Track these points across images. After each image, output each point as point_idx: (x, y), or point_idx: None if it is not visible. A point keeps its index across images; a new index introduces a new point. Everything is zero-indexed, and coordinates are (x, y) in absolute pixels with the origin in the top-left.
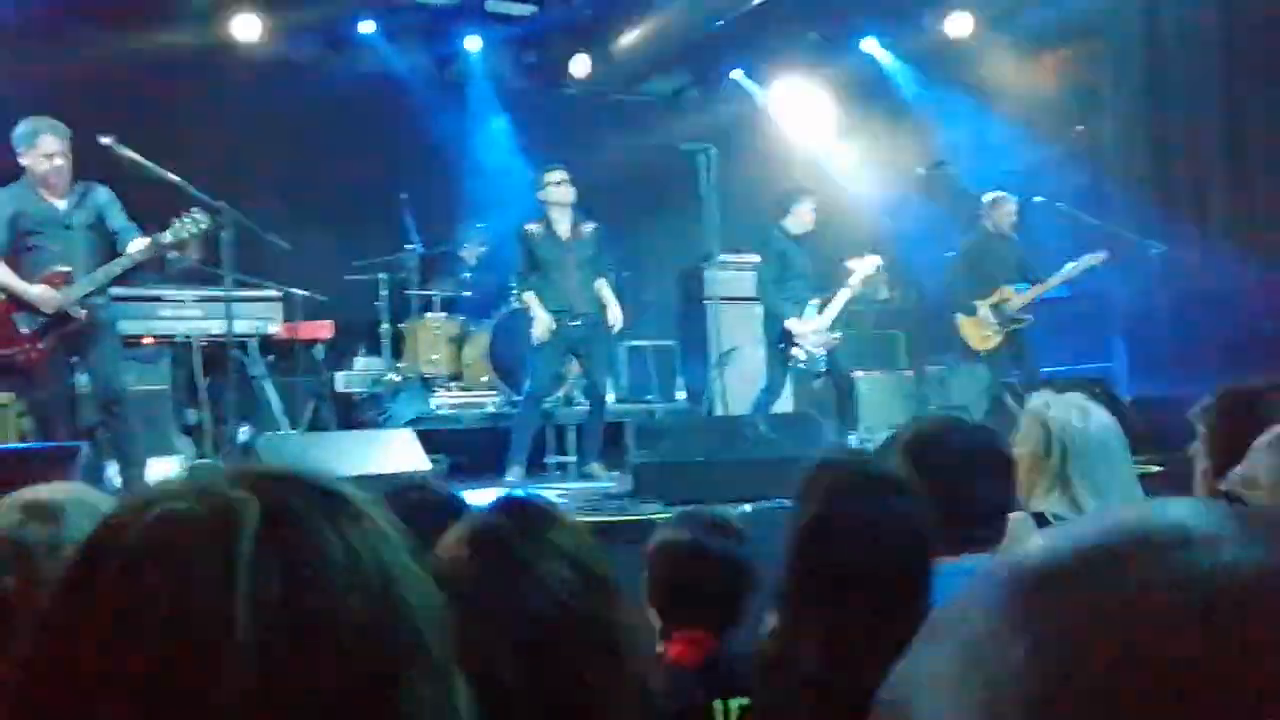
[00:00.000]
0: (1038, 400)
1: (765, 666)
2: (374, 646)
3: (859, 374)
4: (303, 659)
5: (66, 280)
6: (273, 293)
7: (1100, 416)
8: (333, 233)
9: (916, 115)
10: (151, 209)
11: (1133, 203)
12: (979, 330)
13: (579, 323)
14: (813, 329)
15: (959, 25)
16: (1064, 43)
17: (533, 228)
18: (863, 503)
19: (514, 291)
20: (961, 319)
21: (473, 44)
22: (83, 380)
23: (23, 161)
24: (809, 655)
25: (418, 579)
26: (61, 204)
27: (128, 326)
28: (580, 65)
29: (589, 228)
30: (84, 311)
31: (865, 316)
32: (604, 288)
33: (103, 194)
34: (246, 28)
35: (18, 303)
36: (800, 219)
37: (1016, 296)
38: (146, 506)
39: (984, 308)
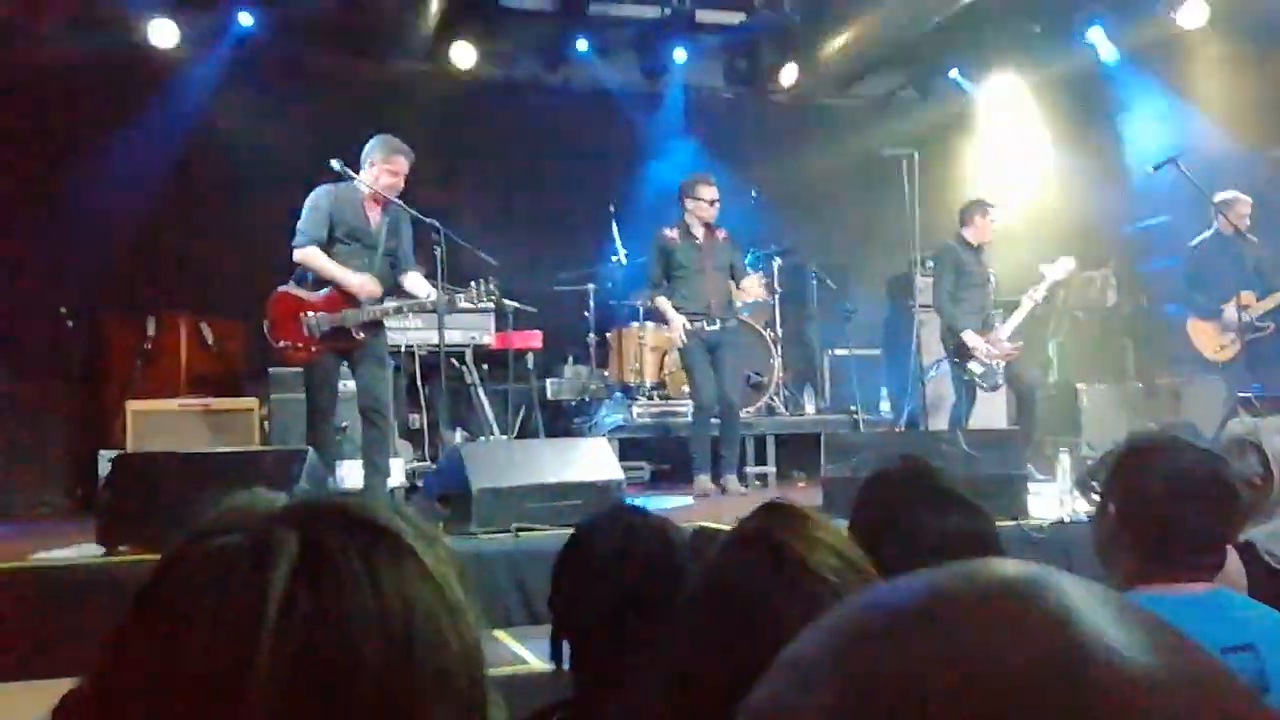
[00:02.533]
0: (1244, 423)
1: None
2: (391, 688)
3: (1081, 386)
4: (320, 697)
5: (352, 300)
6: (487, 305)
7: None
8: (544, 244)
9: (1142, 112)
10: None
11: None
12: (1214, 339)
13: (716, 326)
14: (989, 341)
15: (1194, 14)
16: None
17: (670, 233)
18: (919, 515)
19: (646, 295)
20: (1195, 326)
21: (680, 55)
22: (348, 386)
23: (365, 173)
24: None
25: (452, 616)
26: (376, 221)
27: None
28: (789, 72)
29: (723, 234)
30: (361, 334)
31: (1090, 325)
32: (751, 290)
33: (408, 222)
34: (463, 55)
35: (312, 305)
36: (980, 230)
37: (1257, 303)
38: (201, 539)
39: (1221, 314)
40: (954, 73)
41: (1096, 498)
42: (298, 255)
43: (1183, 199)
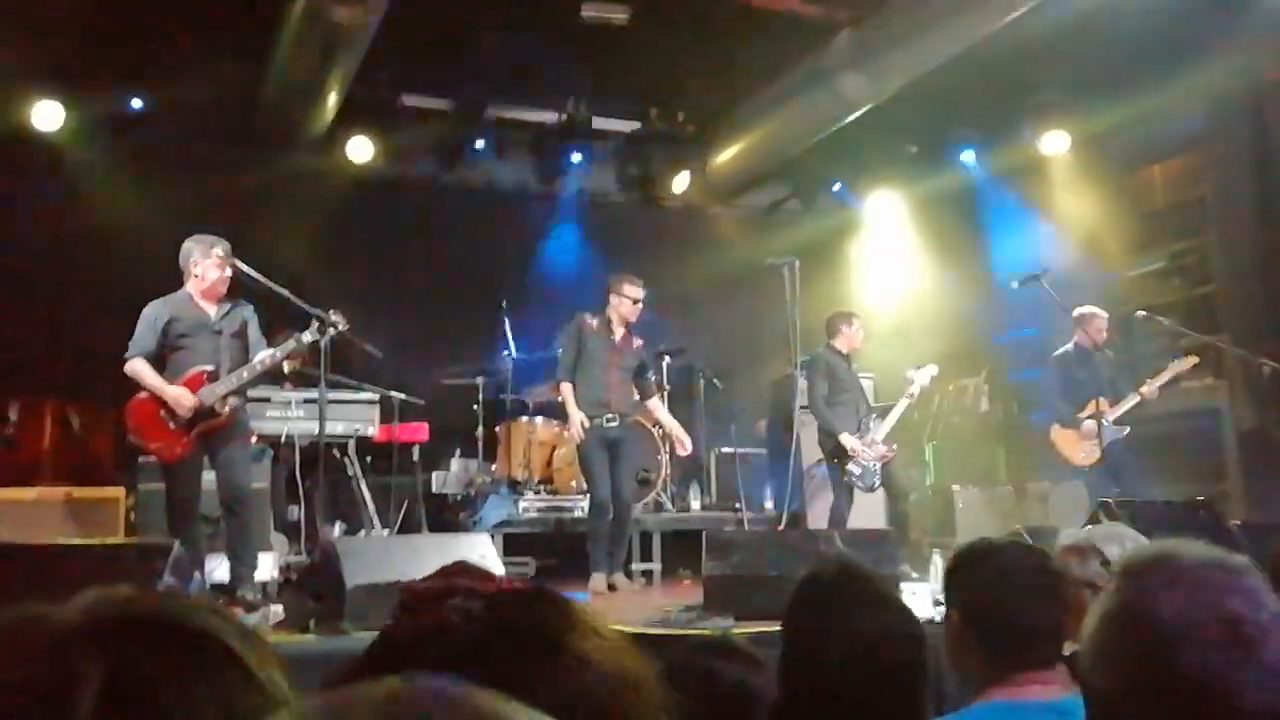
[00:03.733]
0: (1077, 533)
1: None
2: None
3: (956, 488)
4: None
5: (211, 378)
6: (371, 396)
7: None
8: (435, 338)
9: (1010, 230)
10: (261, 319)
11: (1243, 319)
12: (1077, 446)
13: (615, 421)
14: (865, 444)
15: (1055, 142)
16: (1165, 157)
17: (591, 321)
18: (849, 620)
19: (554, 381)
20: (1059, 434)
21: (576, 159)
22: (208, 477)
23: (195, 270)
24: None
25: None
26: (212, 311)
27: None
28: (680, 180)
29: (639, 341)
30: (227, 409)
31: (964, 430)
32: (659, 410)
33: (249, 310)
34: (360, 149)
35: (165, 402)
36: (848, 339)
37: (1110, 408)
38: None
39: (1080, 424)
40: (836, 187)
41: (942, 608)
42: (126, 368)
43: (1048, 312)
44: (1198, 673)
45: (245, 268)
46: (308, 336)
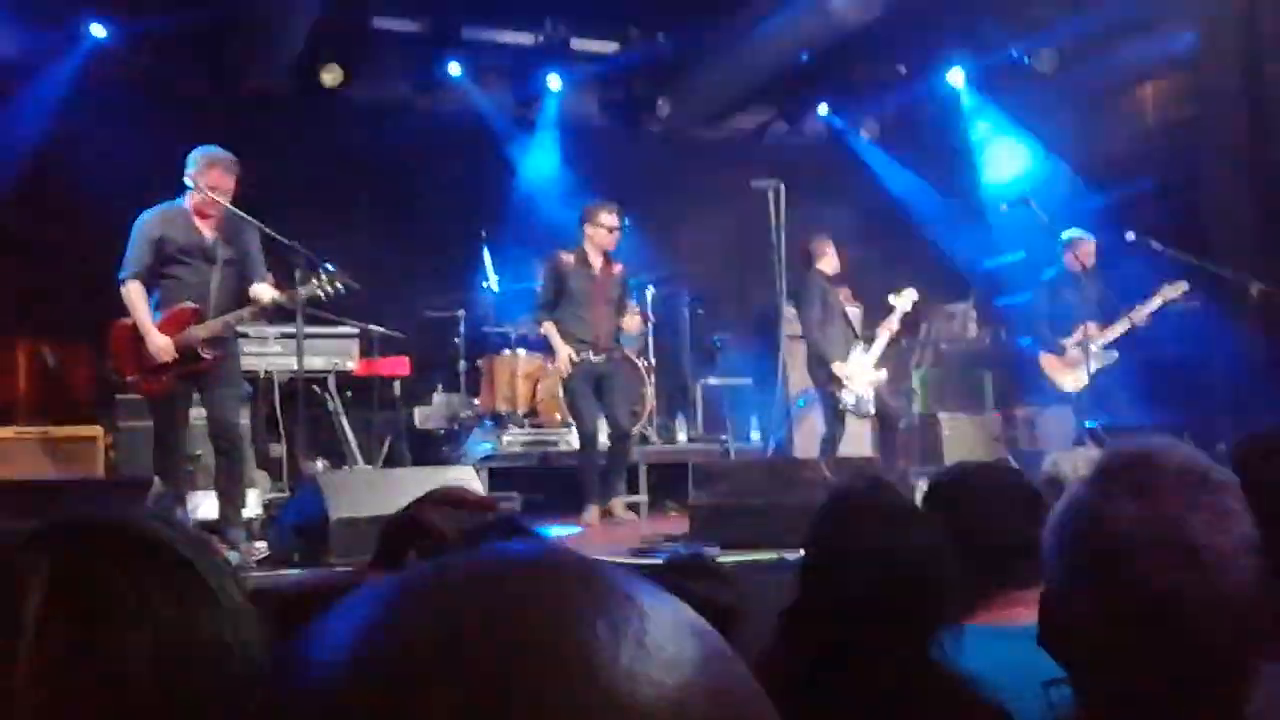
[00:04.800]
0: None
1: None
2: (166, 705)
3: (944, 415)
4: None
5: (196, 317)
6: (350, 329)
7: None
8: (414, 270)
9: (998, 152)
10: None
11: (1232, 240)
12: (1064, 372)
13: (601, 358)
14: (859, 370)
15: (1046, 60)
16: (1156, 76)
17: (566, 258)
18: (873, 534)
19: (533, 319)
20: (1046, 359)
21: (554, 83)
22: (200, 413)
23: (187, 183)
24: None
25: (233, 623)
26: (209, 234)
27: None
28: (662, 104)
29: (618, 268)
30: (209, 353)
31: (953, 357)
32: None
33: (252, 233)
34: (332, 75)
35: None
36: (832, 262)
37: (1100, 334)
38: None
39: (1069, 347)
40: (823, 108)
41: None
42: (122, 291)
43: (1037, 236)
44: (1146, 586)
45: (236, 211)
46: (304, 292)
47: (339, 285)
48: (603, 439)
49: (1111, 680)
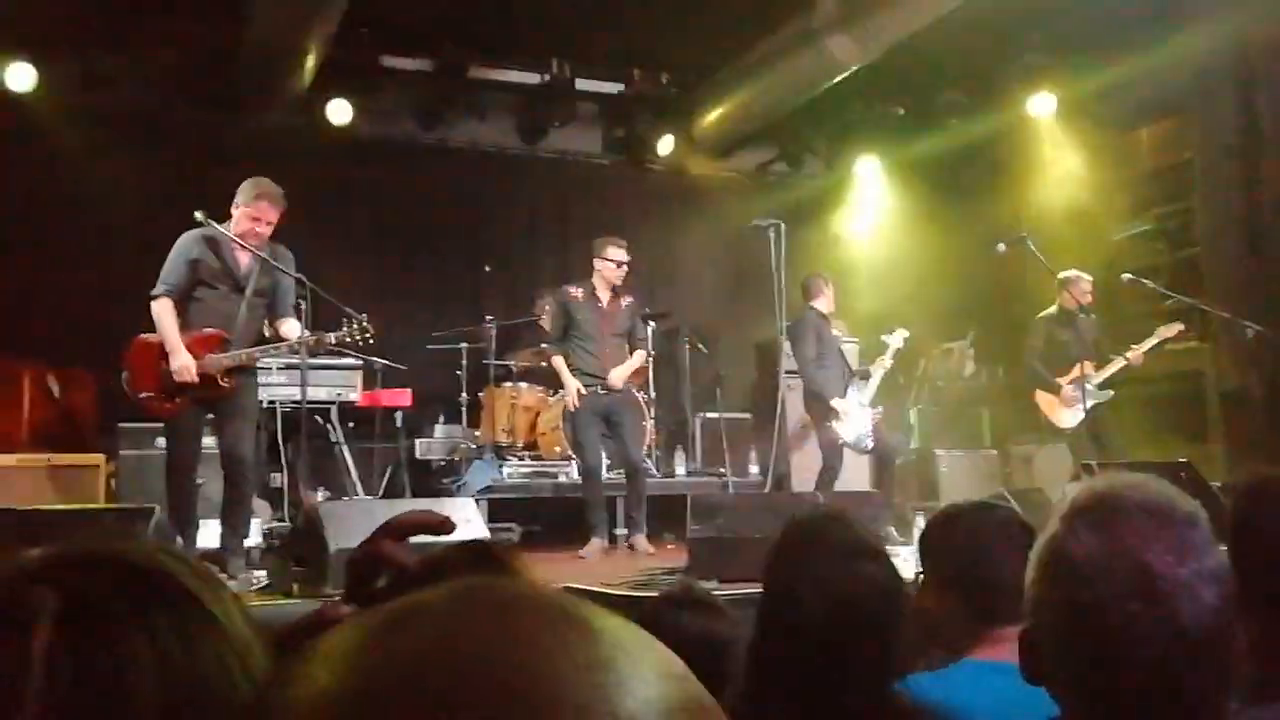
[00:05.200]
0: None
1: None
2: None
3: (940, 451)
4: None
5: (221, 343)
6: (353, 361)
7: None
8: (417, 303)
9: (997, 193)
10: None
11: (1227, 281)
12: (1060, 409)
13: (609, 391)
14: (855, 406)
15: (1042, 104)
16: (1152, 120)
17: (574, 292)
18: (829, 568)
19: (544, 352)
20: (1042, 397)
21: (558, 122)
22: (209, 441)
23: (234, 212)
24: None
25: (240, 657)
26: (245, 265)
27: None
28: (665, 143)
29: (626, 300)
30: (228, 381)
31: (949, 394)
32: (632, 361)
33: (291, 266)
34: (339, 112)
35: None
36: (828, 301)
37: (1095, 373)
38: None
39: (1065, 385)
40: (822, 149)
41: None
42: (153, 307)
43: (1034, 276)
44: (1103, 619)
45: (220, 229)
46: (332, 339)
47: (369, 336)
48: (612, 475)
49: (1085, 716)
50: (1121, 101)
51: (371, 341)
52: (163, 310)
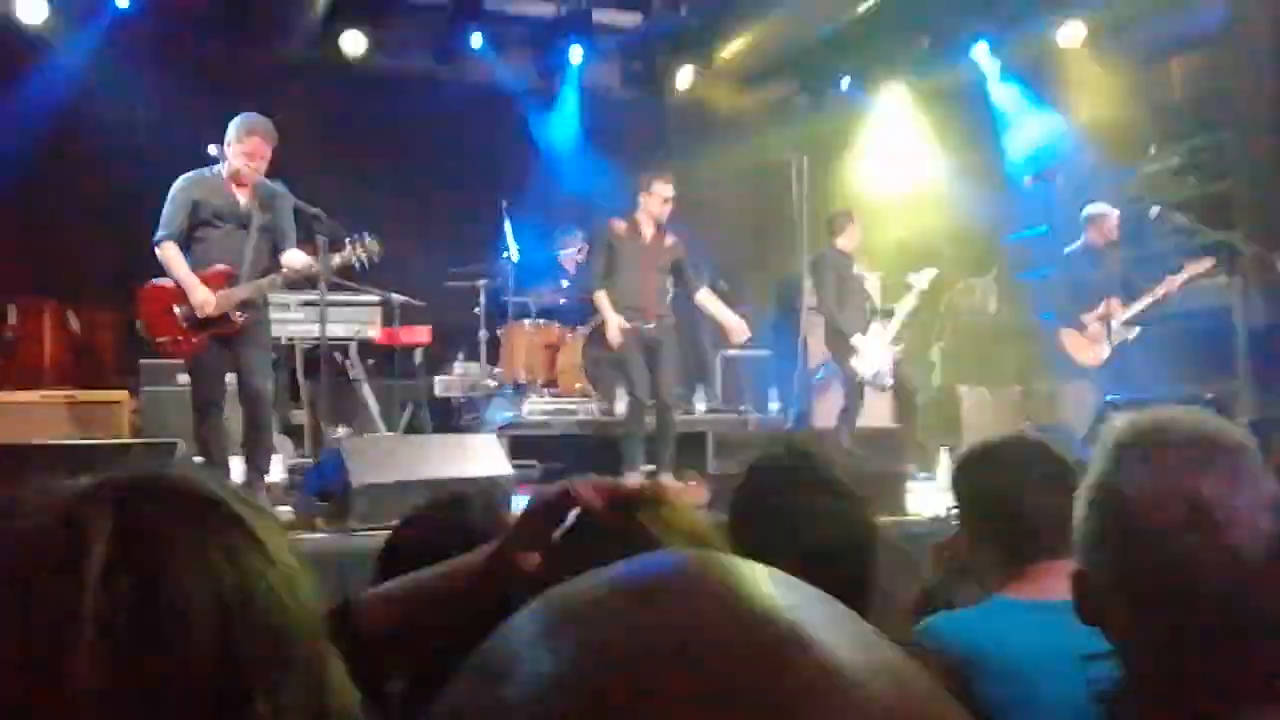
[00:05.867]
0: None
1: None
2: (227, 659)
3: (963, 388)
4: (150, 675)
5: (229, 279)
6: (372, 298)
7: None
8: (435, 240)
9: (1024, 126)
10: None
11: (1258, 216)
12: (1084, 346)
13: (651, 325)
14: (876, 343)
15: (1072, 33)
16: (1183, 50)
17: (618, 225)
18: (790, 501)
19: (590, 288)
20: (1066, 334)
21: (576, 55)
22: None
23: (227, 151)
24: None
25: (288, 584)
26: (244, 198)
27: None
28: (684, 75)
29: (672, 239)
30: (242, 316)
31: (972, 330)
32: (709, 301)
33: (285, 198)
34: (354, 43)
35: (182, 294)
36: (851, 239)
37: (1122, 309)
38: (1, 523)
39: (1090, 323)
40: (845, 81)
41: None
42: (158, 253)
43: (1060, 210)
44: (1158, 553)
45: (267, 183)
46: (337, 260)
47: (372, 254)
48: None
49: (1147, 653)
50: (1152, 31)
51: (376, 260)
52: (169, 253)
